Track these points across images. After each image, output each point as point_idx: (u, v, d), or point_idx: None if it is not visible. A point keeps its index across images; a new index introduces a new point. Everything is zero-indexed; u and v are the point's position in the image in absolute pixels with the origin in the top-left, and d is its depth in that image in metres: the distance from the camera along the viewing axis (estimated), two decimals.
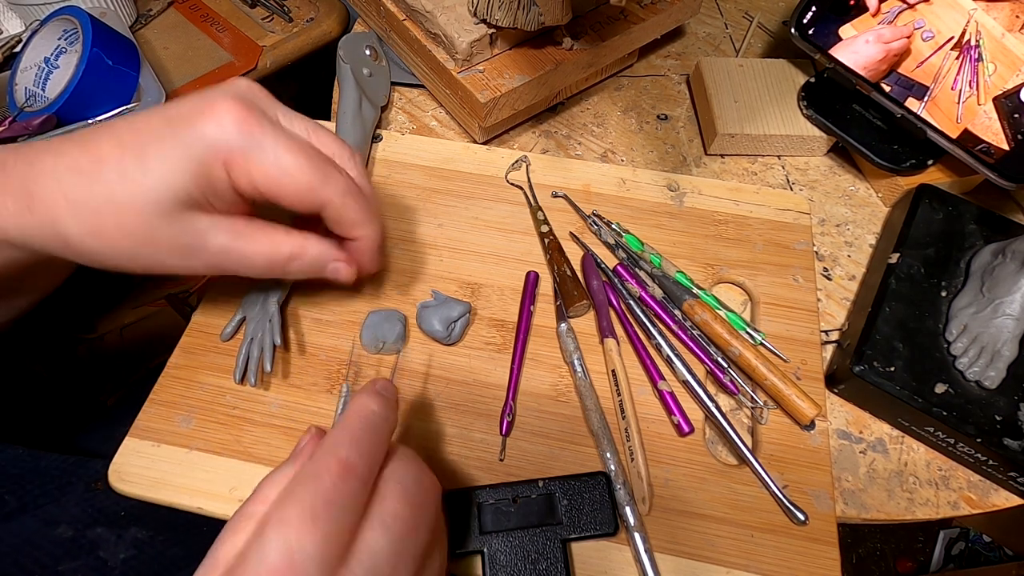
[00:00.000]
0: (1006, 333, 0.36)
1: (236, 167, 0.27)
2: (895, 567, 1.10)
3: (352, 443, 0.23)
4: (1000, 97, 0.42)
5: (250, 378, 0.36)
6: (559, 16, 0.42)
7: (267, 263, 0.31)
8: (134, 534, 0.38)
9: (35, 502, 0.38)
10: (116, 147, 0.27)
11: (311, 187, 0.29)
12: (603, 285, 0.40)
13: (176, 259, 0.29)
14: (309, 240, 0.32)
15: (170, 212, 0.27)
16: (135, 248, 0.28)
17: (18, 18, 0.63)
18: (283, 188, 0.28)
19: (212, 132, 0.27)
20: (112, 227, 0.27)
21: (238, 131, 0.27)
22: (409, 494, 0.23)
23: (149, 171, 0.27)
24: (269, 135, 0.28)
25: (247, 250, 0.30)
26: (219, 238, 0.29)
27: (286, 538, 0.20)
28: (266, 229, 0.31)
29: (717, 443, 0.37)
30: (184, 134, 0.27)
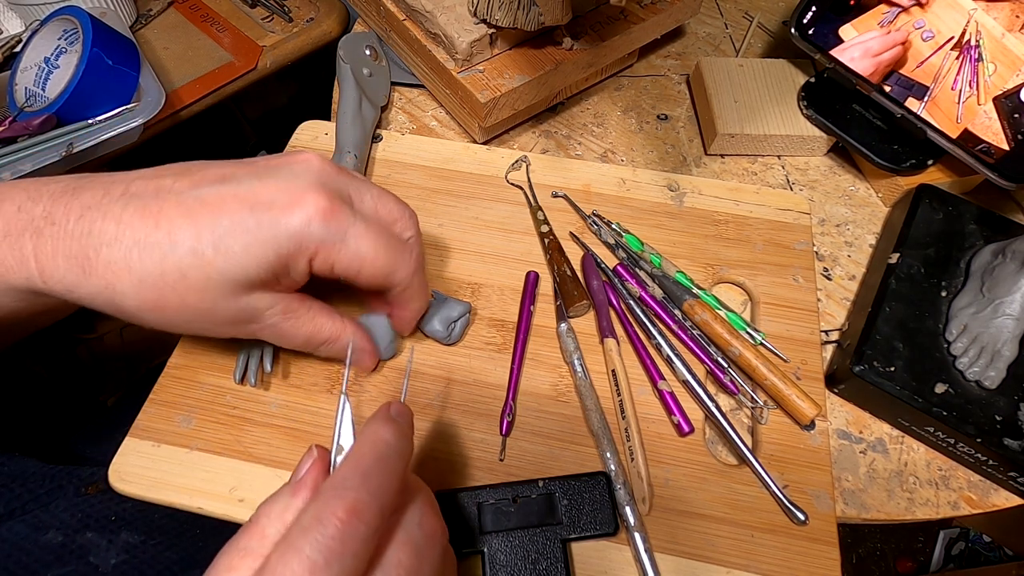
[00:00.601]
0: (1006, 333, 0.36)
1: (319, 259, 0.28)
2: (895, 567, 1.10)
3: (363, 482, 0.21)
4: (1000, 97, 0.42)
5: (250, 378, 0.36)
6: (559, 16, 0.42)
7: (305, 342, 0.32)
8: (125, 539, 0.38)
9: (24, 507, 0.37)
10: (189, 224, 0.26)
11: (386, 274, 0.30)
12: (603, 285, 0.40)
13: (226, 330, 0.30)
14: (347, 328, 0.33)
15: (236, 293, 0.28)
16: (192, 321, 0.28)
17: (18, 18, 0.63)
18: (361, 275, 0.29)
19: (300, 227, 0.27)
20: (174, 303, 0.27)
21: (325, 226, 0.27)
22: (415, 541, 0.22)
23: (227, 257, 0.26)
24: (352, 226, 0.28)
25: (294, 329, 0.31)
26: (273, 317, 0.30)
27: None
28: (313, 312, 0.32)
29: (717, 443, 0.37)
30: (269, 226, 0.27)
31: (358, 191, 0.31)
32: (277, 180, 0.28)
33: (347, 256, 0.28)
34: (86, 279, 0.26)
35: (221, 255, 0.26)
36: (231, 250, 0.26)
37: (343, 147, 0.44)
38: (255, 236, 0.27)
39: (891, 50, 0.45)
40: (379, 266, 0.29)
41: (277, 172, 0.28)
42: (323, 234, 0.27)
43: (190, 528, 0.41)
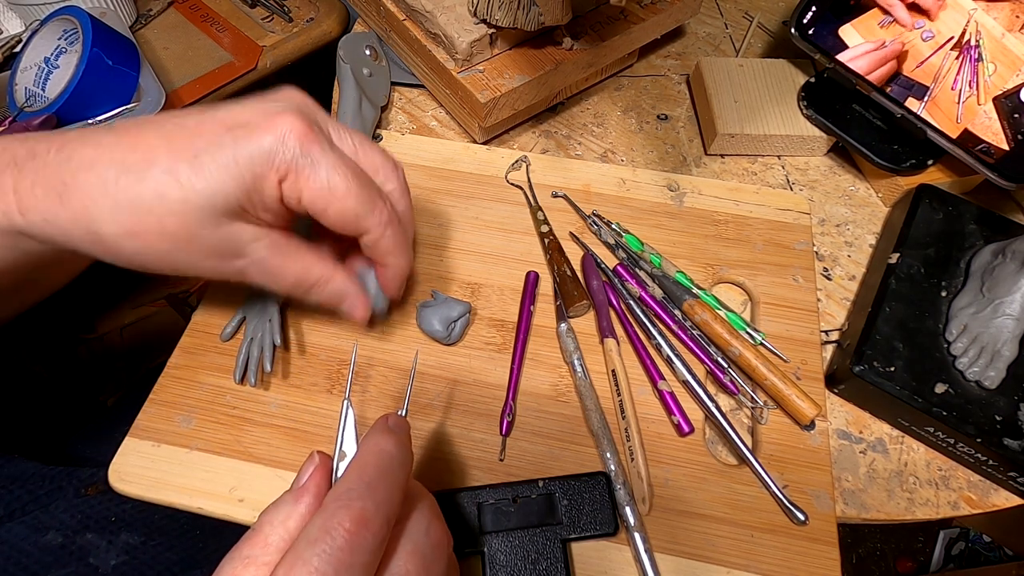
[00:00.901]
0: (1006, 333, 0.36)
1: (288, 181, 0.27)
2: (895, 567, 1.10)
3: (368, 492, 0.21)
4: (1000, 97, 0.42)
5: (250, 378, 0.36)
6: (559, 16, 0.42)
7: (295, 283, 0.31)
8: (125, 540, 0.38)
9: (23, 509, 0.37)
10: (166, 146, 0.26)
11: (356, 214, 0.29)
12: (603, 285, 0.40)
13: (210, 264, 0.29)
14: (338, 272, 0.32)
15: (217, 219, 0.27)
16: (172, 251, 0.27)
17: (18, 18, 0.63)
18: (329, 209, 0.28)
19: (273, 145, 0.27)
20: (153, 229, 0.26)
21: (298, 147, 0.27)
22: (421, 551, 0.22)
23: (203, 177, 0.26)
24: (326, 154, 0.28)
25: (282, 267, 0.30)
26: (259, 250, 0.29)
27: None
28: (302, 250, 0.31)
29: (717, 443, 0.37)
30: (244, 144, 0.26)
31: (339, 131, 0.30)
32: (257, 105, 0.28)
33: (317, 184, 0.27)
34: (62, 206, 0.26)
35: (197, 174, 0.26)
36: (206, 168, 0.26)
37: None
38: (230, 153, 0.26)
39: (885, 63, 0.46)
40: (349, 205, 0.28)
41: (259, 100, 0.29)
42: (295, 154, 0.27)
43: (190, 529, 0.41)
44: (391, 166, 0.32)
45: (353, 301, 0.33)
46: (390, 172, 0.32)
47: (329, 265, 0.32)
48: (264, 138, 0.27)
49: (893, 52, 0.45)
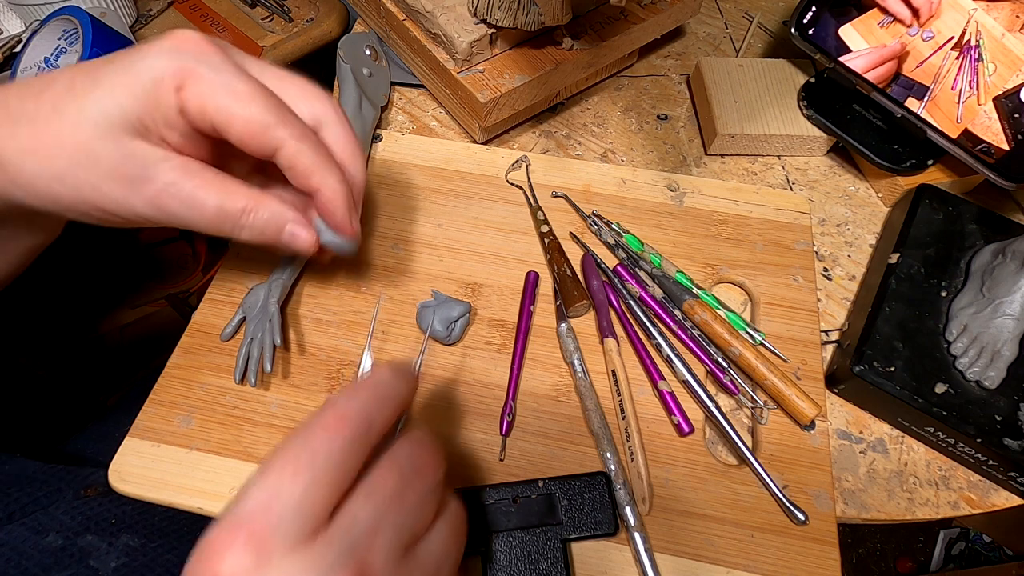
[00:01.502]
0: (1006, 333, 0.36)
1: (188, 89, 0.26)
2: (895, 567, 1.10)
3: (350, 399, 0.22)
4: (1000, 97, 0.42)
5: (250, 378, 0.36)
6: (559, 16, 0.42)
7: (217, 212, 0.28)
8: (125, 542, 0.38)
9: (23, 510, 0.37)
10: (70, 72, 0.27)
11: (264, 123, 0.27)
12: (603, 285, 0.40)
13: (117, 188, 0.27)
14: (267, 197, 0.29)
15: (114, 133, 0.26)
16: (74, 172, 0.26)
17: (18, 18, 0.63)
18: (233, 119, 0.27)
19: (168, 53, 0.26)
20: (50, 142, 0.26)
21: (195, 55, 0.26)
22: (400, 466, 0.22)
23: (97, 88, 0.26)
24: (226, 62, 0.27)
25: (197, 193, 0.28)
26: (167, 173, 0.27)
27: (267, 483, 0.19)
28: (221, 176, 0.28)
29: (717, 443, 0.37)
30: (141, 56, 0.26)
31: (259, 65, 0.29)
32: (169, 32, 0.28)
33: (216, 88, 0.26)
34: None
35: (92, 86, 0.26)
36: (102, 81, 0.26)
37: None
38: (126, 68, 0.26)
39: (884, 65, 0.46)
40: (254, 112, 0.26)
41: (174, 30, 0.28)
42: (191, 60, 0.26)
43: (190, 531, 0.41)
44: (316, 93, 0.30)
45: (293, 228, 0.30)
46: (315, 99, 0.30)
47: (256, 191, 0.29)
48: (161, 49, 0.26)
49: (893, 53, 0.45)
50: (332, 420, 0.21)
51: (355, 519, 0.20)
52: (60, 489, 0.39)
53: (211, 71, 0.26)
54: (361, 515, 0.20)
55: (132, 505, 0.40)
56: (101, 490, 0.40)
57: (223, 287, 0.40)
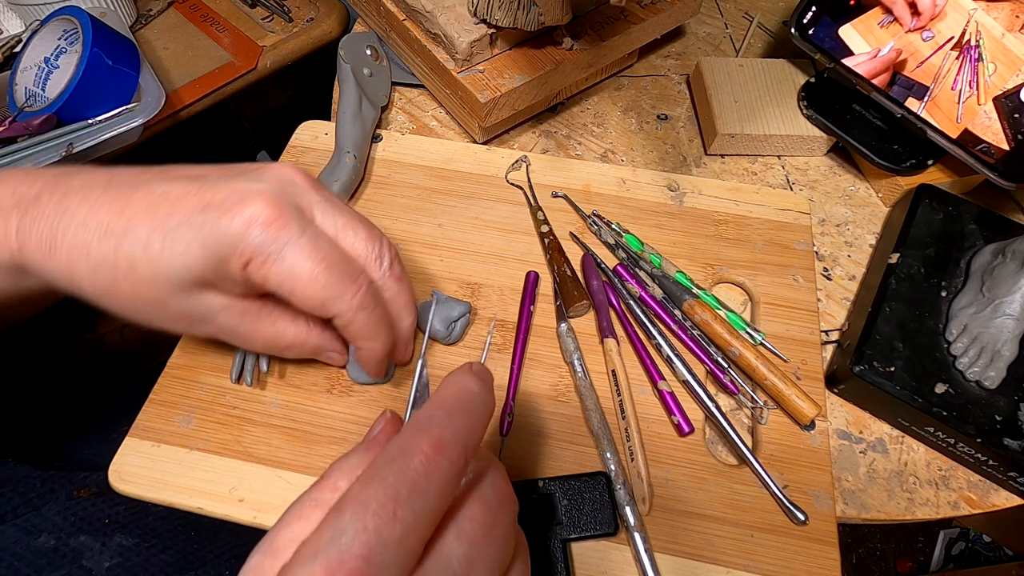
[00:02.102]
0: (1006, 333, 0.36)
1: (253, 266, 0.28)
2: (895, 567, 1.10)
3: (448, 421, 0.20)
4: (1000, 97, 0.42)
5: (246, 378, 0.36)
6: (559, 16, 0.42)
7: (265, 346, 0.33)
8: (119, 542, 0.38)
9: (15, 511, 0.37)
10: (148, 216, 0.27)
11: (322, 299, 0.29)
12: (603, 285, 0.40)
13: (183, 327, 0.31)
14: (311, 333, 0.33)
15: (184, 289, 0.28)
16: (145, 312, 0.29)
17: (18, 18, 0.63)
18: (294, 295, 0.29)
19: (239, 231, 0.27)
20: (126, 291, 0.28)
21: (263, 234, 0.27)
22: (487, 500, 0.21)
23: (171, 251, 0.27)
24: (293, 241, 0.28)
25: (252, 332, 0.31)
26: (228, 319, 0.30)
27: (365, 525, 0.17)
28: (273, 316, 0.32)
29: (717, 443, 0.37)
30: (213, 226, 0.27)
31: (325, 211, 0.30)
32: (239, 182, 0.28)
33: (280, 271, 0.28)
34: (51, 258, 0.28)
35: (167, 250, 0.27)
36: (176, 246, 0.27)
37: (343, 147, 0.44)
38: (197, 234, 0.27)
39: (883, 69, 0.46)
40: (314, 291, 0.28)
41: (246, 176, 0.29)
42: (259, 242, 0.27)
43: (185, 531, 0.41)
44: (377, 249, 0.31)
45: (329, 355, 0.35)
46: (373, 258, 0.31)
47: (302, 326, 0.33)
48: (232, 223, 0.27)
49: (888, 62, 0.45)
50: (430, 448, 0.19)
51: (449, 560, 0.19)
52: (53, 490, 0.39)
53: (277, 254, 0.28)
54: (455, 556, 0.19)
55: (126, 505, 0.40)
56: (94, 491, 0.40)
57: None
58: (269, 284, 0.28)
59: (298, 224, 0.28)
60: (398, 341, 0.34)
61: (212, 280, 0.28)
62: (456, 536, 0.19)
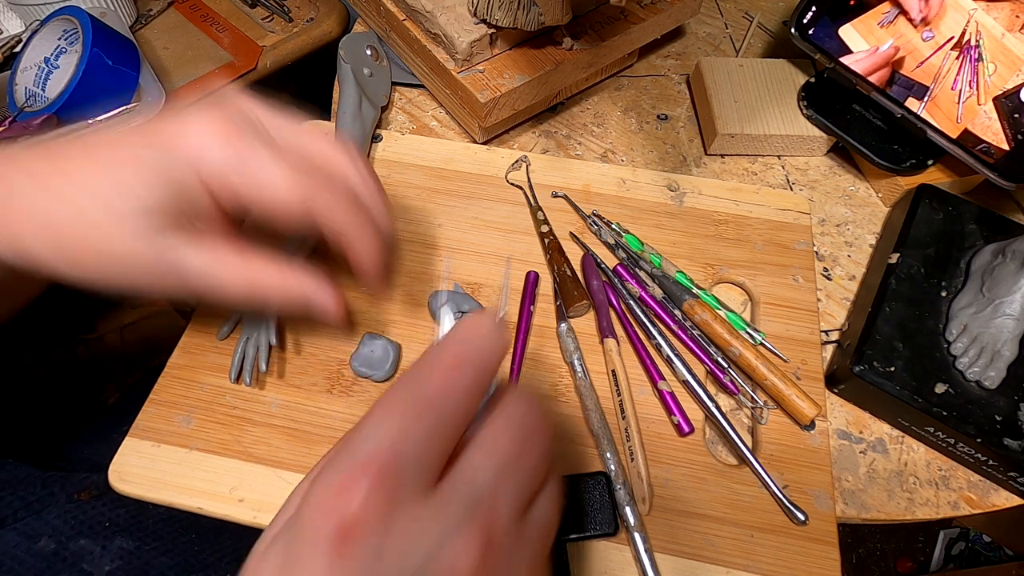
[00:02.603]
0: (1006, 333, 0.36)
1: (217, 185, 0.26)
2: (895, 567, 1.10)
3: (464, 342, 0.20)
4: (1000, 97, 0.42)
5: (245, 377, 0.36)
6: (559, 16, 0.42)
7: (247, 292, 0.29)
8: (119, 545, 0.38)
9: (15, 515, 0.37)
10: (90, 164, 0.26)
11: (302, 199, 0.27)
12: (603, 285, 0.40)
13: (151, 282, 0.27)
14: (293, 274, 0.30)
15: (144, 233, 0.26)
16: (105, 268, 0.27)
17: (18, 18, 0.63)
18: (271, 203, 0.27)
19: (190, 152, 0.26)
20: (80, 248, 0.26)
21: (219, 148, 0.26)
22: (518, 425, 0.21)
23: (125, 191, 0.25)
24: (253, 149, 0.26)
25: (225, 280, 0.28)
26: (197, 262, 0.27)
27: (390, 426, 0.18)
28: (249, 257, 0.29)
29: (717, 443, 0.37)
30: (161, 152, 0.26)
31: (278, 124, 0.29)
32: (182, 111, 0.27)
33: (248, 181, 0.26)
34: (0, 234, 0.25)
35: (119, 190, 0.25)
36: (128, 183, 0.25)
37: None
38: (149, 165, 0.25)
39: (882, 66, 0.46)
40: (290, 192, 0.26)
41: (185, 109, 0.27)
42: (218, 156, 0.26)
43: (185, 533, 0.40)
44: (346, 156, 0.30)
45: (320, 297, 0.31)
46: (345, 163, 0.30)
47: (282, 267, 0.30)
48: (182, 146, 0.26)
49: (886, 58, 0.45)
50: (451, 361, 0.20)
51: (475, 475, 0.19)
52: (53, 493, 0.39)
53: (239, 166, 0.26)
54: (481, 472, 0.19)
55: (126, 509, 0.40)
56: (95, 494, 0.40)
57: None
58: (240, 197, 0.26)
59: (254, 134, 0.27)
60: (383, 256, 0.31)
61: (175, 217, 0.26)
62: (484, 454, 0.20)
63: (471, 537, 0.18)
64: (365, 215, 0.30)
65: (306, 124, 0.30)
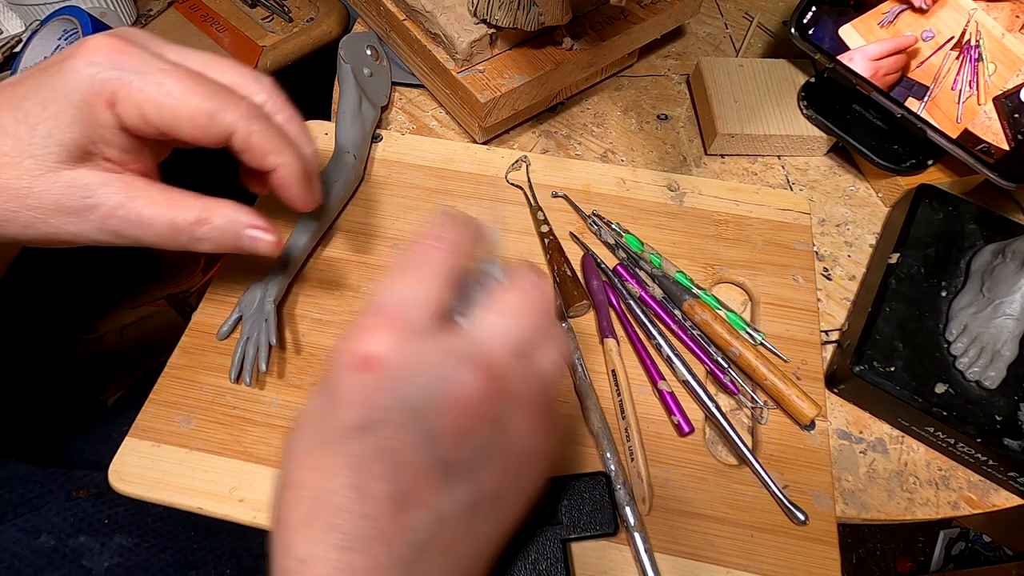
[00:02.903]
0: (1006, 333, 0.36)
1: (121, 102, 0.26)
2: (895, 567, 1.10)
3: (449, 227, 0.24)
4: (1000, 97, 0.42)
5: (245, 377, 0.36)
6: (559, 16, 0.42)
7: (169, 227, 0.28)
8: (119, 542, 0.38)
9: (15, 512, 0.37)
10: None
11: (209, 112, 0.26)
12: (603, 285, 0.40)
13: (65, 219, 0.27)
14: (218, 204, 0.28)
15: (54, 167, 0.26)
16: (16, 208, 0.26)
17: (18, 18, 0.63)
18: (177, 116, 0.26)
19: (87, 69, 0.25)
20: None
21: (114, 64, 0.25)
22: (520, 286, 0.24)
23: (28, 121, 0.25)
24: (150, 63, 0.26)
25: (144, 212, 0.27)
26: (111, 197, 0.27)
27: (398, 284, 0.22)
28: (168, 191, 0.28)
29: (717, 443, 0.37)
30: (59, 77, 0.25)
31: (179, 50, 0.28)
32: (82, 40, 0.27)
33: (151, 96, 0.25)
34: None
35: (22, 120, 0.25)
36: (30, 113, 0.25)
37: (343, 147, 0.44)
38: (48, 92, 0.25)
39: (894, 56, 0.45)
40: (195, 103, 0.26)
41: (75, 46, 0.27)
42: (116, 72, 0.25)
43: (184, 531, 0.41)
44: (253, 76, 0.29)
45: (252, 232, 0.29)
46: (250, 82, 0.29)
47: (206, 200, 0.28)
48: (78, 67, 0.25)
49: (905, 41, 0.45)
50: (439, 240, 0.23)
51: (482, 323, 0.23)
52: (52, 491, 0.39)
53: (138, 77, 0.26)
54: (487, 322, 0.23)
55: (125, 506, 0.40)
56: (94, 492, 0.40)
57: (223, 287, 0.40)
58: (145, 114, 0.26)
59: (151, 53, 0.27)
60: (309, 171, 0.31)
61: (84, 145, 0.26)
62: (487, 307, 0.23)
63: (477, 367, 0.21)
64: (277, 129, 0.29)
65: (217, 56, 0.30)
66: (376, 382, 0.21)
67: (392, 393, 0.21)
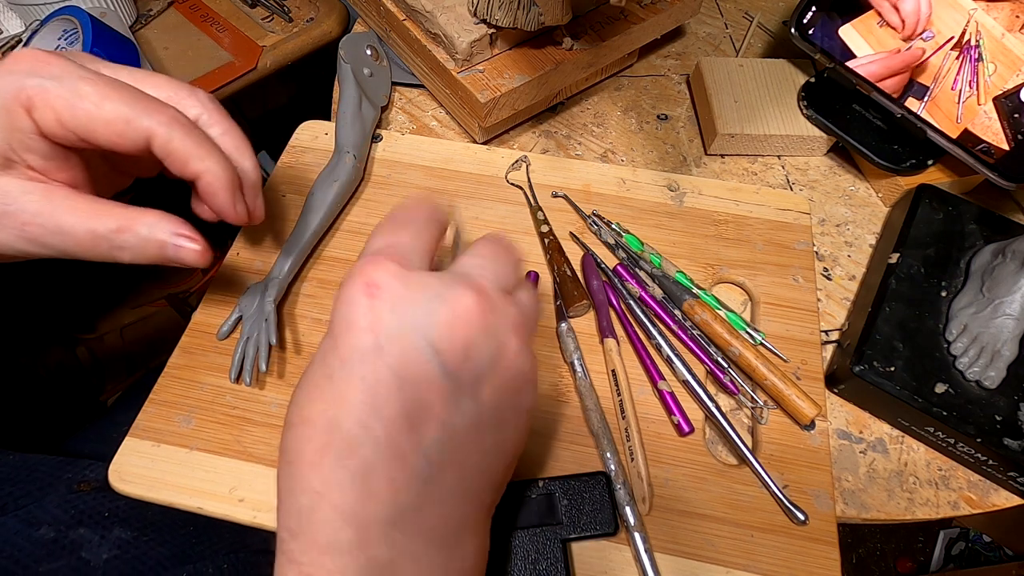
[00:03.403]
0: (1006, 333, 0.36)
1: (38, 108, 0.26)
2: (895, 567, 1.10)
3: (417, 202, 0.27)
4: (1000, 97, 0.42)
5: (245, 377, 0.36)
6: (559, 16, 0.42)
7: (89, 236, 0.27)
8: (118, 535, 0.38)
9: (16, 503, 0.37)
10: None
11: (126, 117, 0.26)
12: (603, 285, 0.40)
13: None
14: (142, 213, 0.28)
15: None
16: None
17: (18, 18, 0.63)
18: (93, 120, 0.26)
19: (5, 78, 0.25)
20: None
21: (32, 71, 0.26)
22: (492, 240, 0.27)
23: None
24: (70, 71, 0.26)
25: (64, 220, 0.27)
26: (31, 204, 0.26)
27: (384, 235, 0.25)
28: (89, 199, 0.28)
29: (717, 443, 0.37)
30: None
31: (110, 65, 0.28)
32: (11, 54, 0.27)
33: (65, 97, 0.25)
34: None
35: None
36: None
37: (343, 147, 0.44)
38: None
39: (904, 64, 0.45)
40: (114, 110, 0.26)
41: None
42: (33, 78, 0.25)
43: (183, 525, 0.41)
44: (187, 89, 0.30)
45: (176, 240, 0.28)
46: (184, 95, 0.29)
47: (129, 209, 0.28)
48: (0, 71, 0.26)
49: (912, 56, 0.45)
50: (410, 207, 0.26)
51: (465, 265, 0.25)
52: (53, 483, 0.39)
53: (55, 82, 0.26)
54: (468, 263, 0.25)
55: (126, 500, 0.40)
56: (95, 486, 0.40)
57: (223, 287, 0.40)
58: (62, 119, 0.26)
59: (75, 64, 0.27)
60: (245, 183, 0.31)
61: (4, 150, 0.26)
62: (469, 256, 0.26)
63: (468, 289, 0.23)
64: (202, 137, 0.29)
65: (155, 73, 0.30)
66: (382, 305, 0.22)
67: (398, 314, 0.22)
